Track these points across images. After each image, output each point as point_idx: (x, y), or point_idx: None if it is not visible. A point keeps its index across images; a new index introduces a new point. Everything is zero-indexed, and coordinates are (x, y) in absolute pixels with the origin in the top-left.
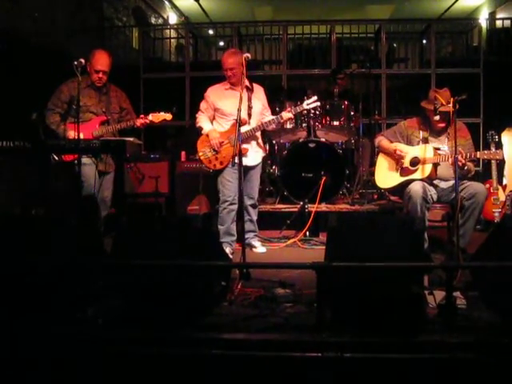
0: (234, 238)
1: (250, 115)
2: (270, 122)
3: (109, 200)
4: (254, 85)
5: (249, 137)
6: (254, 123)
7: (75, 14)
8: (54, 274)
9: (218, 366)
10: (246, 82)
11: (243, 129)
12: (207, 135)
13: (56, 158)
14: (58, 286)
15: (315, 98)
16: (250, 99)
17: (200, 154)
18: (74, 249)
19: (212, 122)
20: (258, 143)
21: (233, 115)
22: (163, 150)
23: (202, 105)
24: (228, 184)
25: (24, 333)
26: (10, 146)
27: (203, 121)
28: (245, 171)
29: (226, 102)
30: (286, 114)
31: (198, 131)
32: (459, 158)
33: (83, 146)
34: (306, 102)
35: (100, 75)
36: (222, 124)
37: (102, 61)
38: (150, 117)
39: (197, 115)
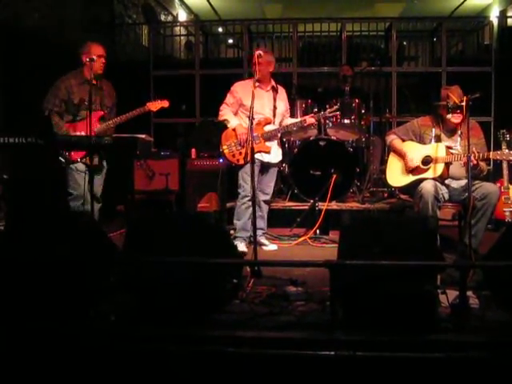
0: (249, 233)
1: (274, 115)
2: (293, 124)
3: (99, 195)
4: (279, 86)
5: (273, 136)
6: (276, 123)
7: (85, 10)
8: (65, 270)
9: (229, 364)
10: (273, 82)
11: (268, 127)
12: (233, 129)
13: (63, 161)
14: (69, 282)
15: (337, 106)
16: (275, 99)
17: (224, 147)
18: (84, 244)
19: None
20: (278, 142)
21: (258, 114)
22: (173, 147)
23: (229, 99)
24: (249, 179)
25: (35, 330)
26: (22, 141)
27: (229, 115)
28: (266, 168)
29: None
30: (310, 120)
31: (218, 125)
32: (471, 158)
33: (95, 143)
34: (328, 110)
35: (103, 60)
36: (247, 121)
37: (99, 48)
38: (146, 107)
39: (221, 108)
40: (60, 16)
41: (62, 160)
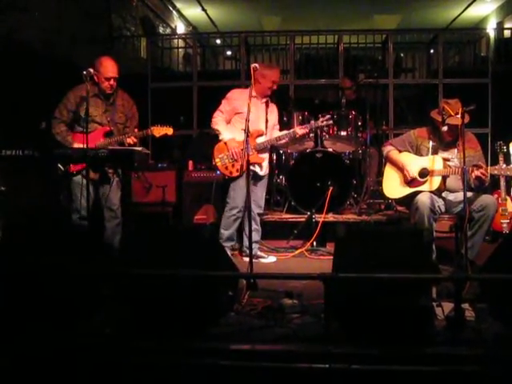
0: (234, 242)
1: (266, 127)
2: (284, 136)
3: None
4: (272, 103)
5: (265, 148)
6: (268, 136)
7: (83, 23)
8: (60, 282)
9: (224, 377)
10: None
11: (261, 139)
12: (225, 143)
13: (62, 169)
14: (64, 294)
15: (329, 116)
16: (267, 113)
17: (217, 160)
18: (80, 256)
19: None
20: (269, 154)
21: (252, 123)
22: (170, 159)
23: (224, 106)
24: (241, 191)
25: (28, 342)
26: (19, 154)
27: (222, 125)
28: (257, 180)
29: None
30: (301, 130)
31: (211, 135)
32: (482, 171)
33: (91, 156)
34: (320, 120)
35: (111, 82)
36: (239, 129)
37: (111, 68)
38: (150, 131)
39: (215, 115)
40: (57, 29)
41: (59, 172)
